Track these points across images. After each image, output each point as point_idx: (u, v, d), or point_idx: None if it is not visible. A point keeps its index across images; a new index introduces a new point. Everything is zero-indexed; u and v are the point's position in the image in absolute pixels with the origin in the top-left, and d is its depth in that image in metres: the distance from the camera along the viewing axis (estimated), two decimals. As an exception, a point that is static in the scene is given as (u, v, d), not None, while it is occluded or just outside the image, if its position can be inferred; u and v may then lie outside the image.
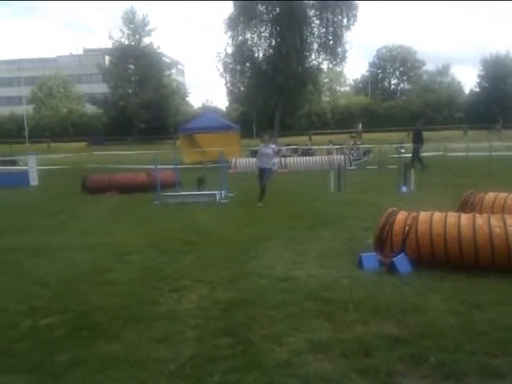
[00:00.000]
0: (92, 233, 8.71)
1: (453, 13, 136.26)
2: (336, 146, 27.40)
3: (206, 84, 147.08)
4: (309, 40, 41.03)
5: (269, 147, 11.59)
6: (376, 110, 58.42)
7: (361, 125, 47.01)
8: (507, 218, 5.52)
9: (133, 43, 59.45)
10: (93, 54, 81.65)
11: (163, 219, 9.95)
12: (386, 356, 3.57)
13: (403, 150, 19.70)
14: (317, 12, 40.49)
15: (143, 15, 59.72)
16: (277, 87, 39.19)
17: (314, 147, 30.78)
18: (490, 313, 4.35)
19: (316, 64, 42.89)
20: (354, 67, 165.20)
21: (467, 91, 63.93)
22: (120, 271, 6.10)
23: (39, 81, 72.55)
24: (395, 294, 4.86)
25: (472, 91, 61.20)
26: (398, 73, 74.08)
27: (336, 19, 39.94)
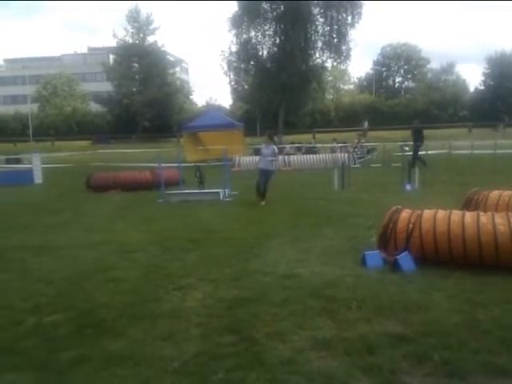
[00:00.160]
0: (96, 231, 8.73)
1: (458, 11, 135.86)
2: (340, 144, 27.38)
3: (210, 82, 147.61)
4: (313, 38, 41.02)
5: (269, 147, 11.27)
6: (380, 108, 58.44)
7: (367, 123, 46.90)
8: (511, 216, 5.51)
9: (137, 42, 59.68)
10: (97, 53, 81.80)
11: (167, 217, 9.96)
12: (390, 354, 3.57)
13: (407, 148, 19.73)
14: (321, 10, 40.45)
15: (147, 14, 60.15)
16: (281, 85, 39.17)
17: (318, 145, 30.76)
18: (494, 311, 4.34)
19: (320, 62, 42.88)
20: (359, 65, 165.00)
21: (472, 89, 64.01)
22: (124, 269, 6.11)
23: (44, 79, 72.79)
24: (399, 292, 4.86)
25: (477, 89, 61.13)
26: (403, 71, 73.96)
27: (340, 17, 39.92)
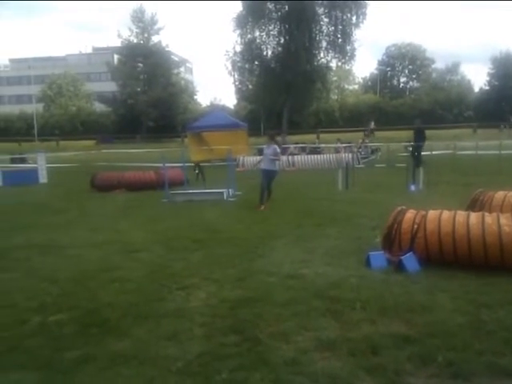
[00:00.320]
0: (101, 230, 8.76)
1: (463, 11, 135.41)
2: (344, 145, 27.35)
3: (214, 82, 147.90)
4: (318, 38, 40.98)
5: (270, 147, 10.92)
6: (384, 108, 58.30)
7: (373, 122, 46.89)
8: (517, 217, 5.49)
9: (141, 42, 59.80)
10: (102, 53, 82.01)
11: (171, 217, 9.98)
12: (394, 355, 3.56)
13: (411, 149, 19.63)
14: (326, 10, 40.41)
15: (152, 14, 60.26)
16: (285, 85, 39.16)
17: (322, 145, 30.74)
18: (499, 312, 4.32)
19: (325, 62, 42.83)
20: (363, 65, 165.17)
21: (477, 89, 63.79)
22: (128, 269, 6.13)
23: (49, 79, 73.06)
24: (403, 293, 4.85)
25: (482, 89, 60.95)
26: (407, 71, 73.80)
27: (345, 17, 39.87)
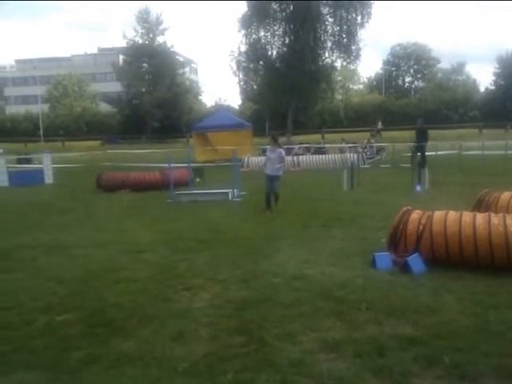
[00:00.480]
0: (106, 230, 8.79)
1: (468, 10, 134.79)
2: (349, 145, 27.30)
3: (219, 82, 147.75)
4: (322, 38, 40.83)
5: (275, 151, 10.45)
6: (389, 108, 58.06)
7: (380, 122, 46.75)
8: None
9: (147, 42, 59.85)
10: (107, 53, 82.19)
11: (176, 217, 9.99)
12: (400, 356, 3.55)
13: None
14: (331, 10, 40.27)
15: (157, 14, 60.24)
16: (290, 85, 39.03)
17: (327, 145, 30.70)
18: (506, 313, 4.31)
19: (330, 62, 42.64)
20: (368, 65, 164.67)
21: (483, 89, 63.41)
22: (134, 269, 6.14)
23: (54, 80, 73.31)
24: (409, 294, 4.83)
25: (487, 89, 60.60)
26: (413, 70, 73.53)
27: (350, 17, 39.69)
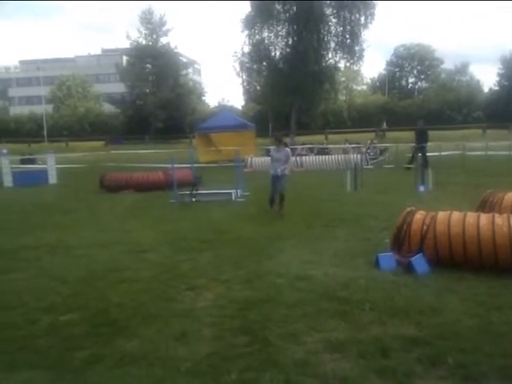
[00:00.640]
0: (109, 230, 8.80)
1: (472, 10, 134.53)
2: (352, 145, 27.30)
3: (223, 83, 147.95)
4: (326, 39, 40.89)
5: (281, 152, 10.13)
6: (393, 109, 57.99)
7: (385, 123, 46.72)
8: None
9: (150, 43, 59.97)
10: (111, 54, 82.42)
11: (179, 218, 10.00)
12: (404, 357, 3.54)
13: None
14: (334, 11, 40.32)
15: (160, 15, 60.31)
16: (293, 86, 39.07)
17: (330, 146, 30.69)
18: (509, 315, 4.29)
19: (333, 63, 42.71)
20: (371, 66, 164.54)
21: (486, 90, 63.26)
22: (137, 269, 6.15)
23: (58, 81, 73.52)
24: (412, 295, 4.82)
25: (491, 90, 60.46)
26: (416, 71, 73.45)
27: (353, 18, 39.74)
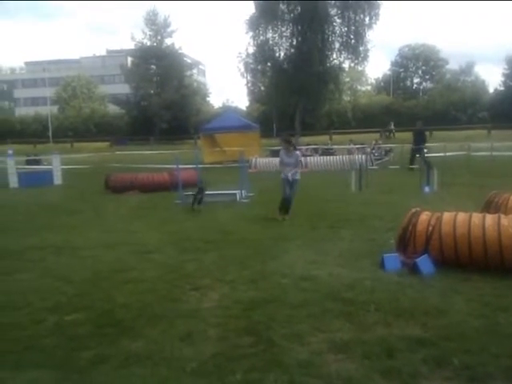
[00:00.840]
0: (114, 231, 8.82)
1: (476, 10, 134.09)
2: (357, 146, 27.27)
3: (227, 84, 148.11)
4: (330, 39, 40.82)
5: (292, 155, 9.66)
6: (398, 109, 57.78)
7: (393, 124, 46.59)
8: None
9: (155, 44, 60.06)
10: (115, 55, 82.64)
11: (184, 218, 10.02)
12: (409, 358, 3.53)
13: (426, 150, 19.48)
14: (339, 11, 40.25)
15: (165, 16, 60.37)
16: (298, 86, 39.02)
17: (335, 146, 30.66)
18: (516, 315, 4.27)
19: (337, 63, 42.61)
20: (376, 66, 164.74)
21: (491, 90, 62.98)
22: (142, 269, 6.16)
23: (63, 82, 73.81)
24: (418, 296, 4.81)
25: (496, 90, 60.16)
26: (421, 71, 73.22)
27: (358, 18, 39.65)
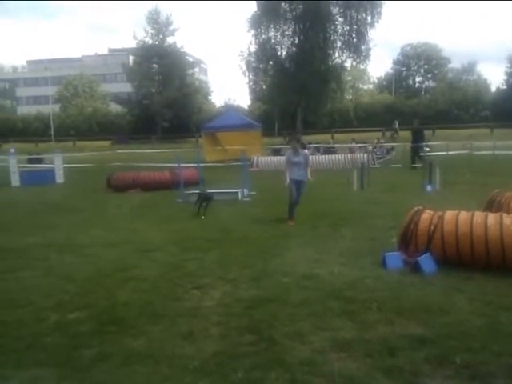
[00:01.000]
0: (116, 230, 8.84)
1: (479, 9, 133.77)
2: (359, 145, 27.25)
3: (229, 83, 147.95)
4: (332, 38, 40.86)
5: (300, 154, 9.29)
6: (400, 108, 57.64)
7: (398, 123, 46.50)
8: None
9: (157, 43, 60.02)
10: (117, 54, 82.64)
11: (186, 217, 10.03)
12: (411, 356, 3.54)
13: (428, 149, 19.46)
14: (341, 10, 40.27)
15: (167, 15, 60.30)
16: (299, 85, 39.03)
17: (337, 145, 30.63)
18: (517, 314, 4.27)
19: (339, 62, 42.68)
20: (378, 65, 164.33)
21: (494, 89, 62.86)
22: (144, 268, 6.18)
23: (65, 80, 73.86)
24: (419, 294, 4.81)
25: (499, 89, 60.03)
26: (423, 70, 73.06)
27: (360, 17, 39.67)
